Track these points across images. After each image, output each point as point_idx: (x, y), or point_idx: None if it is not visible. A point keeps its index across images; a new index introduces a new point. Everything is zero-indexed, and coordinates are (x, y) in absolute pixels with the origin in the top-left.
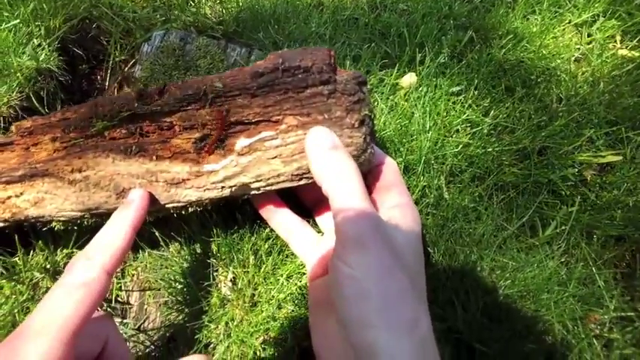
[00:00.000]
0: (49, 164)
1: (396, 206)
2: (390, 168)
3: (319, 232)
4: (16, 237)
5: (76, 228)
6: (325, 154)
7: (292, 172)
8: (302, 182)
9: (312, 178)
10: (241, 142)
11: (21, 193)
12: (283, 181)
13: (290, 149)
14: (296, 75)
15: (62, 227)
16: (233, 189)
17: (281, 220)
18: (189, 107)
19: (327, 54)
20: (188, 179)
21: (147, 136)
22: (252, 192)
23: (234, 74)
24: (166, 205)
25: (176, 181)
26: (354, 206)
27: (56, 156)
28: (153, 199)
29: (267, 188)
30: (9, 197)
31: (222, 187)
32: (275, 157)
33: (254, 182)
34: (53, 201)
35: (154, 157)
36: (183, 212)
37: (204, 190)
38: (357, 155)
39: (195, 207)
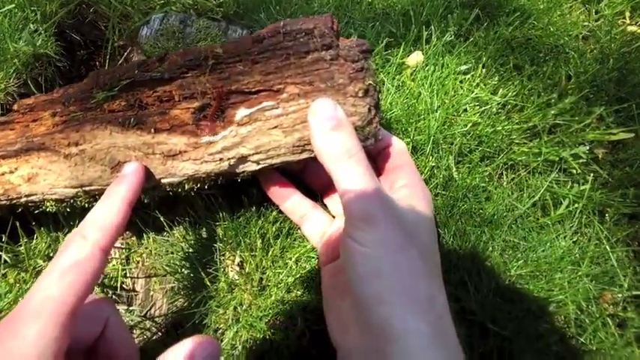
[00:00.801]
0: (45, 138)
1: (406, 185)
2: (398, 149)
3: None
4: (18, 224)
5: (68, 210)
6: (328, 132)
7: (293, 143)
8: (304, 155)
9: (314, 151)
10: (241, 112)
11: (15, 169)
12: (284, 154)
13: (291, 119)
14: (297, 39)
15: (54, 209)
16: (231, 161)
17: (292, 204)
18: (188, 74)
19: (329, 19)
20: (185, 151)
21: (146, 108)
22: (252, 166)
23: (235, 41)
24: (162, 180)
25: (173, 153)
26: (359, 184)
27: (54, 130)
28: (148, 174)
29: (268, 161)
30: (3, 173)
31: (221, 160)
32: (276, 126)
33: (253, 154)
34: (47, 177)
35: (152, 130)
36: (179, 190)
37: (202, 163)
38: (361, 126)
39: (192, 183)
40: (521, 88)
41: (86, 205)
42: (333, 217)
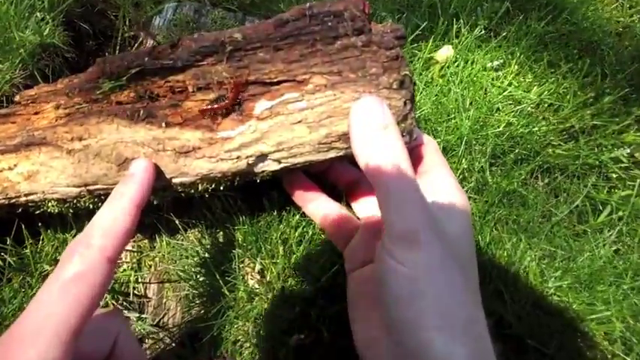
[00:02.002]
0: (47, 132)
1: (443, 191)
2: (431, 147)
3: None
4: (23, 226)
5: (72, 212)
6: (373, 134)
7: (320, 140)
8: (331, 154)
9: (342, 149)
10: (261, 105)
11: (15, 165)
12: (308, 152)
13: (317, 113)
14: (325, 22)
15: (56, 209)
16: (250, 159)
17: (317, 206)
18: (204, 62)
19: (360, 1)
20: (199, 147)
21: (157, 100)
22: (272, 166)
23: (255, 25)
24: (173, 180)
25: (185, 150)
26: (405, 198)
27: (57, 123)
28: (158, 173)
29: (290, 160)
30: (1, 170)
31: (238, 157)
32: (299, 121)
33: (274, 152)
34: (48, 174)
35: (163, 124)
36: (192, 191)
37: (217, 161)
38: (396, 122)
39: (206, 184)
40: (557, 86)
41: (91, 207)
42: (359, 219)
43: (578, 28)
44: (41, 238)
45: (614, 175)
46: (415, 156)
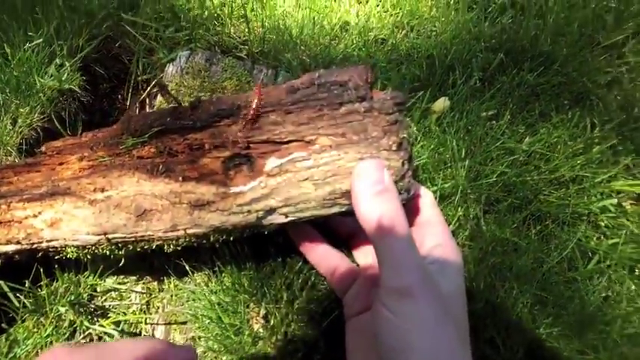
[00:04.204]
0: (71, 182)
1: (438, 246)
2: (427, 200)
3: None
4: (42, 270)
5: (89, 257)
6: (373, 197)
7: (324, 197)
8: (335, 210)
9: (345, 205)
10: (271, 163)
11: (39, 213)
12: (314, 207)
13: (322, 171)
14: (332, 90)
15: (75, 255)
16: (259, 213)
17: (319, 255)
18: (220, 123)
19: (364, 70)
20: (213, 201)
21: (175, 156)
22: (280, 219)
23: (269, 90)
24: (187, 231)
25: (200, 203)
26: (398, 253)
27: (80, 175)
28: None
29: (297, 215)
30: (26, 217)
31: (249, 211)
32: (306, 178)
33: (282, 207)
34: (70, 222)
35: (181, 178)
36: (204, 241)
37: (230, 214)
38: (394, 181)
39: (217, 235)
40: (548, 136)
41: (107, 253)
42: (358, 266)
43: (569, 79)
44: (56, 278)
45: (603, 224)
46: (412, 208)
